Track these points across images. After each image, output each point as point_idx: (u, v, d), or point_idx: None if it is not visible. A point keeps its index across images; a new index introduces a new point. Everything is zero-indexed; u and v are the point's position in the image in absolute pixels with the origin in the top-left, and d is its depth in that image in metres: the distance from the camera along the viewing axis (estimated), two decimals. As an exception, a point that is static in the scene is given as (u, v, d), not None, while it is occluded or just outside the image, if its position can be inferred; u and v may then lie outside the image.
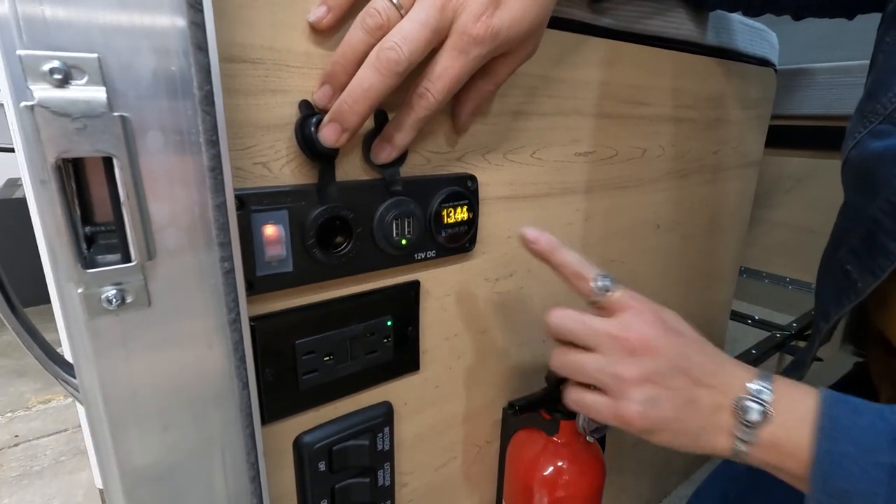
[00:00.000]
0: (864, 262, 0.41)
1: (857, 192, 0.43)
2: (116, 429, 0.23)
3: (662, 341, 0.31)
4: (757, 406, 0.30)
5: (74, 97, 0.19)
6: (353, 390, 0.35)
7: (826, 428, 0.28)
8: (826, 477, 0.28)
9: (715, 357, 0.32)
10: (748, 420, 0.30)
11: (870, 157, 0.40)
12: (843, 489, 0.27)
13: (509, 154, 0.39)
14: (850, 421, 0.28)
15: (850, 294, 0.43)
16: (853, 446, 0.27)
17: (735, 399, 0.30)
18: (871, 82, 0.42)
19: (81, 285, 0.21)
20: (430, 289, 0.38)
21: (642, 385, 0.31)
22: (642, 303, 0.33)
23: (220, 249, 0.22)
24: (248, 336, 0.24)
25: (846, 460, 0.27)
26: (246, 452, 0.25)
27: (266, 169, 0.28)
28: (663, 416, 0.31)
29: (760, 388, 0.30)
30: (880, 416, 0.28)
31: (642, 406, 0.31)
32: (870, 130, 0.40)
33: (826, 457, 0.28)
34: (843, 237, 0.45)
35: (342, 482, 0.35)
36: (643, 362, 0.31)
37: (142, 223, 0.21)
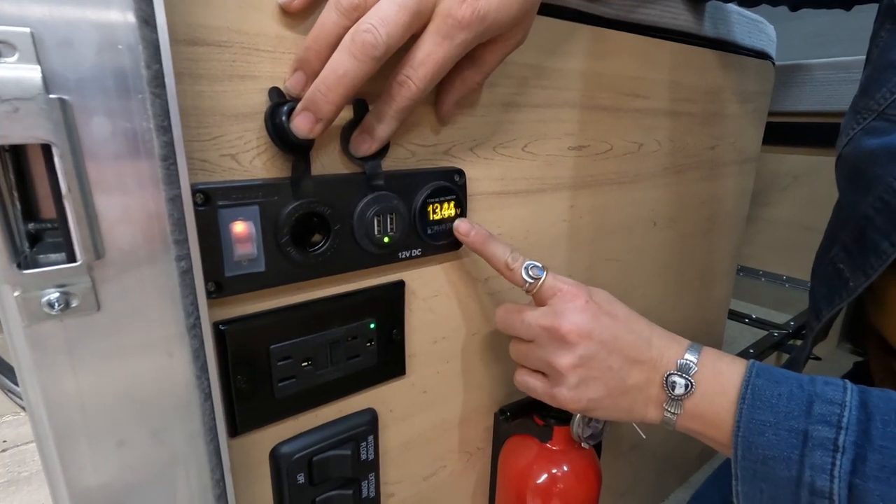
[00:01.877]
0: (855, 260, 0.40)
1: (850, 190, 0.42)
2: (64, 444, 0.21)
3: (593, 325, 0.33)
4: (681, 380, 0.32)
5: (3, 76, 0.17)
6: (335, 397, 0.33)
7: (748, 398, 0.30)
8: (748, 444, 0.29)
9: (645, 334, 0.34)
10: (674, 394, 0.32)
11: (863, 154, 0.39)
12: (763, 455, 0.29)
13: (499, 147, 0.38)
14: (770, 390, 0.30)
15: (842, 292, 0.42)
16: (772, 415, 0.29)
17: (664, 374, 0.32)
18: (866, 78, 0.41)
19: (18, 288, 0.19)
20: (416, 289, 0.36)
21: (574, 370, 0.33)
22: (572, 287, 0.34)
23: (176, 248, 0.20)
24: (211, 342, 0.22)
25: (765, 427, 0.29)
26: (210, 469, 0.23)
27: (235, 161, 0.26)
28: (595, 396, 0.33)
29: (687, 362, 0.32)
30: (798, 385, 0.30)
31: (575, 390, 0.33)
32: (863, 127, 0.40)
33: (748, 425, 0.29)
34: (836, 235, 0.44)
35: (323, 494, 0.33)
36: (574, 350, 0.32)
37: (87, 219, 0.19)
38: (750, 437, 0.29)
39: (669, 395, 0.32)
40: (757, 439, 0.29)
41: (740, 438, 0.30)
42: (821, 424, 0.28)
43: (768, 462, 0.29)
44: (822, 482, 0.27)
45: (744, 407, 0.30)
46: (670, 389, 0.32)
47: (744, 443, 0.30)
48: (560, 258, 0.46)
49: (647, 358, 0.33)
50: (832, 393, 0.29)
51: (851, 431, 0.27)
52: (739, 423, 0.30)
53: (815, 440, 0.28)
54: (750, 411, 0.29)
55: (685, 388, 0.32)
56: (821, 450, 0.27)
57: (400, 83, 0.27)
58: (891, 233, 0.36)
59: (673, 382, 0.32)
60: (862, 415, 0.27)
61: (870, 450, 0.27)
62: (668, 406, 0.33)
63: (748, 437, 0.29)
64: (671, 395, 0.32)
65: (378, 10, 0.24)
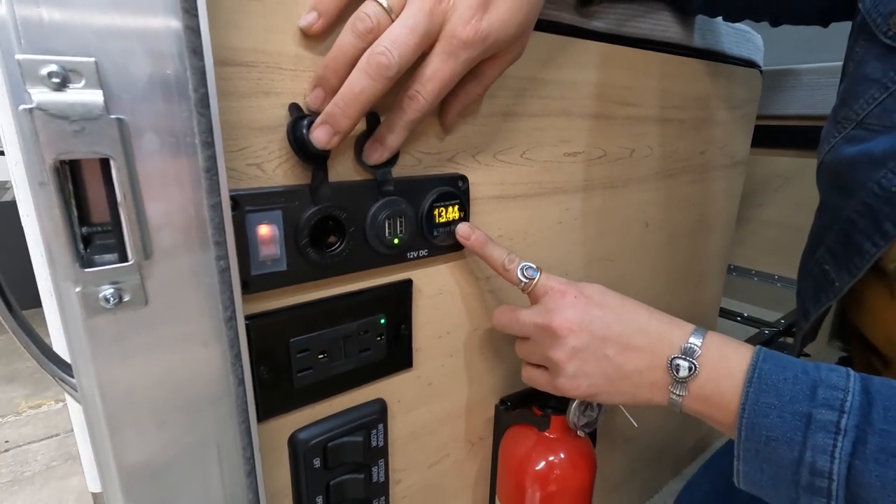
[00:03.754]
0: (840, 261, 0.42)
1: (833, 195, 0.45)
2: (114, 426, 0.23)
3: (582, 318, 0.35)
4: (685, 363, 0.33)
5: (72, 100, 0.19)
6: (348, 388, 0.36)
7: (755, 381, 0.31)
8: (752, 425, 0.30)
9: (642, 321, 0.35)
10: (679, 376, 0.33)
11: (844, 160, 0.41)
12: (766, 437, 0.30)
13: (499, 154, 0.40)
14: (776, 375, 0.30)
15: (829, 292, 0.44)
16: (777, 398, 0.30)
17: (668, 358, 0.33)
18: (844, 90, 0.43)
19: (79, 284, 0.21)
20: (423, 287, 0.38)
21: (570, 361, 0.35)
22: (562, 284, 0.36)
23: (216, 249, 0.23)
24: (244, 334, 0.24)
25: (770, 410, 0.30)
26: (242, 448, 0.26)
27: (260, 170, 0.29)
28: (595, 382, 0.35)
29: (691, 346, 0.33)
30: (803, 370, 0.31)
31: (574, 379, 0.35)
32: (843, 136, 0.42)
33: (753, 407, 0.30)
34: (820, 238, 0.46)
35: (337, 478, 0.36)
36: (567, 342, 0.34)
37: (138, 223, 0.22)
38: (754, 419, 0.30)
39: (674, 377, 0.33)
40: (761, 421, 0.30)
41: (745, 420, 0.30)
42: (824, 408, 0.29)
43: (771, 443, 0.30)
44: (823, 462, 0.28)
45: (750, 390, 0.30)
46: (675, 372, 0.33)
47: (748, 424, 0.30)
48: (556, 258, 0.48)
49: (645, 343, 0.34)
50: (836, 379, 0.29)
51: (853, 415, 0.28)
52: (745, 405, 0.30)
53: (818, 423, 0.28)
54: (756, 394, 0.30)
55: (689, 371, 0.32)
56: (823, 432, 0.28)
57: (410, 97, 0.29)
58: (873, 234, 0.38)
59: (677, 365, 0.33)
60: (864, 400, 0.28)
61: (870, 433, 0.27)
62: (674, 388, 0.33)
63: (752, 418, 0.30)
64: (676, 378, 0.33)
65: (391, 33, 0.27)
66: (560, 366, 0.35)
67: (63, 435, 1.44)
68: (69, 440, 1.40)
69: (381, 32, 0.27)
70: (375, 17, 0.27)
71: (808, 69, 1.08)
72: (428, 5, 0.27)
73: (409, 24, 0.27)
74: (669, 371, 0.33)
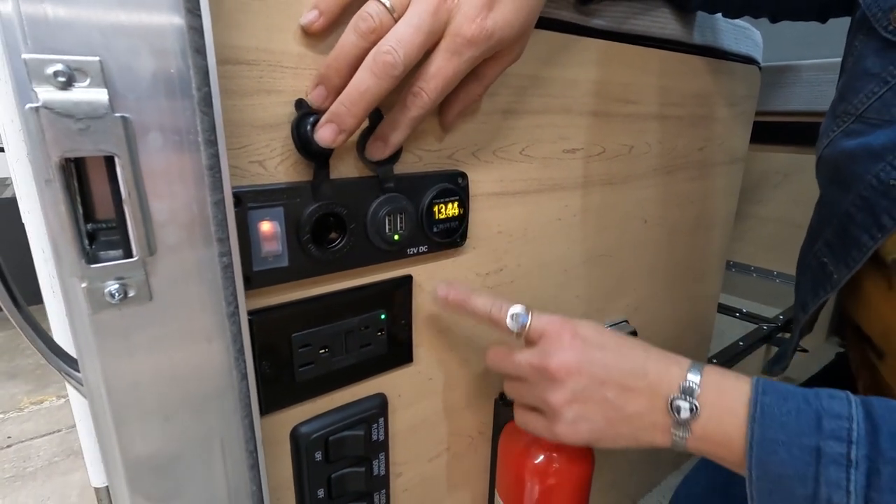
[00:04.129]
0: (838, 254, 0.43)
1: (832, 189, 0.45)
2: (119, 420, 0.24)
3: (581, 361, 0.33)
4: (685, 404, 0.32)
5: (78, 99, 0.20)
6: (349, 382, 0.36)
7: (758, 416, 0.30)
8: (763, 464, 0.29)
9: (639, 361, 0.34)
10: (680, 418, 0.32)
11: (842, 154, 0.42)
12: (778, 475, 0.29)
13: (499, 151, 0.40)
14: (779, 408, 0.30)
15: (827, 285, 0.45)
16: (783, 433, 0.29)
17: (667, 398, 0.32)
18: (843, 84, 0.43)
19: (85, 280, 0.21)
20: (423, 283, 0.39)
21: (570, 406, 0.33)
22: (557, 325, 0.35)
23: (219, 245, 0.23)
24: (247, 329, 0.25)
25: (778, 446, 0.29)
26: (245, 442, 0.26)
27: (262, 167, 0.29)
28: (595, 428, 0.34)
29: (690, 384, 0.32)
30: (805, 400, 0.30)
31: (573, 425, 0.34)
32: (842, 130, 0.42)
33: (760, 445, 0.29)
34: (819, 232, 0.47)
35: (338, 472, 0.36)
36: (566, 386, 0.33)
37: (143, 220, 0.22)
38: (763, 457, 0.29)
39: (675, 419, 0.32)
40: (770, 458, 0.29)
41: (754, 459, 0.29)
42: (832, 440, 0.28)
43: (784, 481, 0.29)
44: (839, 498, 0.27)
45: (755, 427, 0.29)
46: (676, 414, 0.32)
47: (758, 462, 0.29)
48: (556, 255, 0.49)
49: (644, 385, 0.33)
50: (838, 407, 0.29)
51: (862, 445, 0.27)
52: (752, 443, 0.29)
53: (827, 456, 0.28)
54: (761, 430, 0.29)
55: (690, 412, 0.31)
56: (834, 465, 0.27)
57: (414, 94, 0.30)
58: (870, 227, 0.38)
59: (678, 407, 0.32)
60: (869, 427, 0.28)
61: (881, 462, 0.27)
62: (676, 430, 0.32)
63: (761, 456, 0.29)
64: (677, 420, 0.32)
65: (396, 32, 0.27)
66: (559, 410, 0.34)
67: (65, 431, 1.45)
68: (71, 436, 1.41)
69: (384, 32, 0.27)
70: (378, 16, 0.27)
71: (807, 65, 1.08)
72: (433, 4, 0.27)
73: (414, 22, 0.27)
74: (670, 412, 0.32)
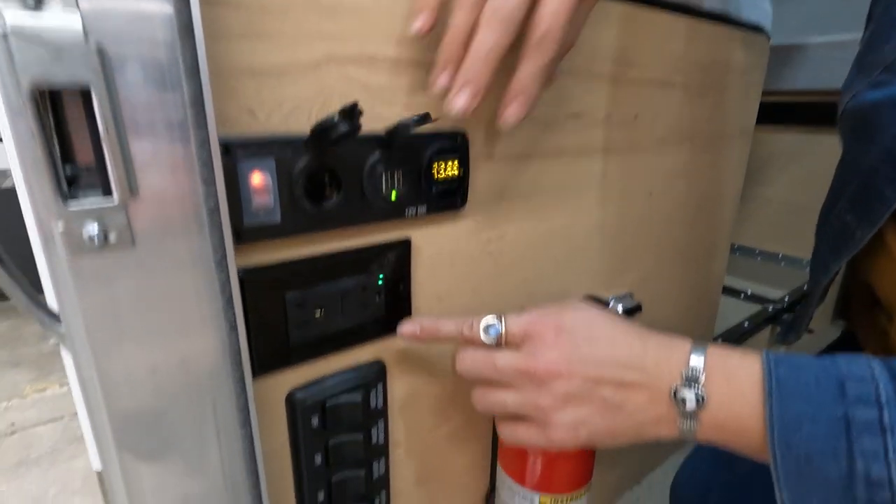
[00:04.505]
0: (860, 210, 0.41)
1: (855, 143, 0.43)
2: (103, 369, 0.23)
3: (571, 359, 0.31)
4: (690, 394, 0.29)
5: (48, 24, 0.18)
6: (345, 346, 0.35)
7: (774, 391, 0.27)
8: (786, 444, 0.26)
9: (636, 350, 0.31)
10: (686, 409, 0.29)
11: (867, 106, 0.40)
12: (805, 454, 0.26)
13: (500, 112, 0.39)
14: (795, 379, 0.27)
15: (849, 244, 0.43)
16: (806, 405, 0.26)
17: (670, 389, 0.30)
18: (870, 35, 0.42)
19: (62, 221, 0.20)
20: (422, 247, 0.38)
21: (564, 409, 0.31)
22: (540, 322, 0.32)
23: (204, 186, 0.22)
24: (235, 278, 0.24)
25: (802, 421, 0.26)
26: (236, 397, 0.25)
27: (252, 116, 0.28)
28: (594, 429, 0.31)
29: (693, 370, 0.29)
30: (822, 368, 0.27)
31: (570, 429, 0.31)
32: (869, 81, 0.41)
33: (781, 421, 0.26)
34: (840, 191, 0.45)
35: (336, 438, 0.35)
36: (557, 388, 0.31)
37: (122, 159, 0.21)
38: (787, 436, 0.26)
39: (681, 410, 0.29)
40: (794, 436, 0.26)
41: (776, 439, 0.26)
42: (859, 405, 0.25)
43: (813, 459, 0.26)
44: (879, 470, 0.24)
45: (773, 403, 0.27)
46: (681, 405, 0.29)
47: (780, 442, 0.26)
48: (559, 223, 0.47)
49: (643, 378, 0.30)
50: (858, 370, 0.26)
51: (893, 406, 0.25)
52: (772, 421, 0.26)
53: (858, 424, 0.25)
54: (781, 406, 0.27)
55: (696, 403, 0.29)
56: (868, 434, 0.25)
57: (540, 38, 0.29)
58: (895, 180, 0.36)
59: (682, 398, 0.29)
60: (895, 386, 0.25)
61: None
62: (683, 423, 0.30)
63: (784, 436, 0.26)
64: (683, 411, 0.29)
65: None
66: (552, 415, 0.31)
67: (68, 418, 1.45)
68: (74, 423, 1.41)
69: None
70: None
71: (815, 43, 1.05)
72: None
73: None
74: (674, 403, 0.29)
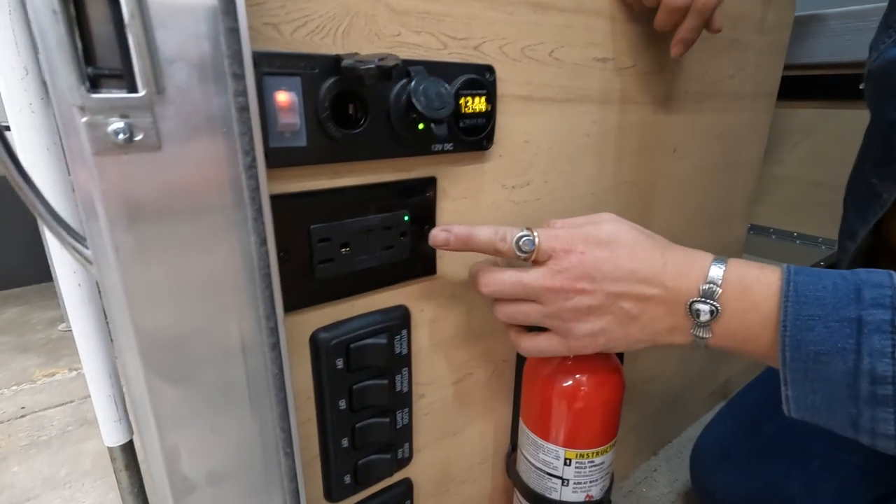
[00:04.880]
0: (884, 170, 0.41)
1: (879, 102, 0.42)
2: (128, 285, 0.22)
3: (594, 276, 0.32)
4: (706, 306, 0.30)
5: None
6: (370, 288, 0.34)
7: (791, 295, 0.28)
8: (797, 343, 0.28)
9: (656, 264, 0.32)
10: (700, 321, 0.31)
11: (891, 62, 0.39)
12: (815, 352, 0.27)
13: (527, 50, 0.38)
14: (813, 285, 0.28)
15: (875, 207, 0.42)
16: (820, 308, 0.27)
17: (686, 302, 0.31)
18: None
19: (86, 113, 0.19)
20: (447, 188, 0.36)
21: (585, 320, 0.33)
22: (566, 240, 0.33)
23: (234, 82, 0.21)
24: (265, 184, 0.23)
25: (814, 322, 0.27)
26: (266, 319, 0.24)
27: (276, 31, 0.27)
28: (612, 337, 0.33)
29: (710, 286, 0.30)
30: (841, 276, 0.28)
31: (590, 337, 0.33)
32: (894, 39, 0.40)
33: (795, 323, 0.28)
34: (867, 153, 0.45)
35: (360, 383, 0.34)
36: (580, 302, 0.32)
37: (148, 50, 0.20)
38: (798, 335, 0.27)
39: (695, 321, 0.31)
40: (806, 336, 0.27)
41: (788, 338, 0.28)
42: (874, 308, 0.26)
43: (821, 358, 0.27)
44: (884, 367, 0.26)
45: (788, 305, 0.28)
46: (695, 317, 0.31)
47: (792, 342, 0.28)
48: (583, 174, 0.46)
49: (661, 291, 0.32)
50: (878, 278, 0.27)
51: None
52: (786, 322, 0.28)
53: (870, 325, 0.26)
54: (796, 308, 0.28)
55: (711, 315, 0.30)
56: (878, 334, 0.26)
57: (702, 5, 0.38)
58: None
59: (697, 310, 0.31)
60: None
61: None
62: (696, 331, 0.31)
63: (796, 335, 0.27)
64: (697, 322, 0.31)
65: None
66: (573, 325, 0.33)
67: (77, 402, 1.45)
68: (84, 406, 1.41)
69: None
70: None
71: (834, 13, 1.03)
72: None
73: None
74: (690, 315, 0.31)
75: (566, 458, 0.42)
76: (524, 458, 0.45)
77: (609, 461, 0.43)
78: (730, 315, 0.30)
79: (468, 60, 0.35)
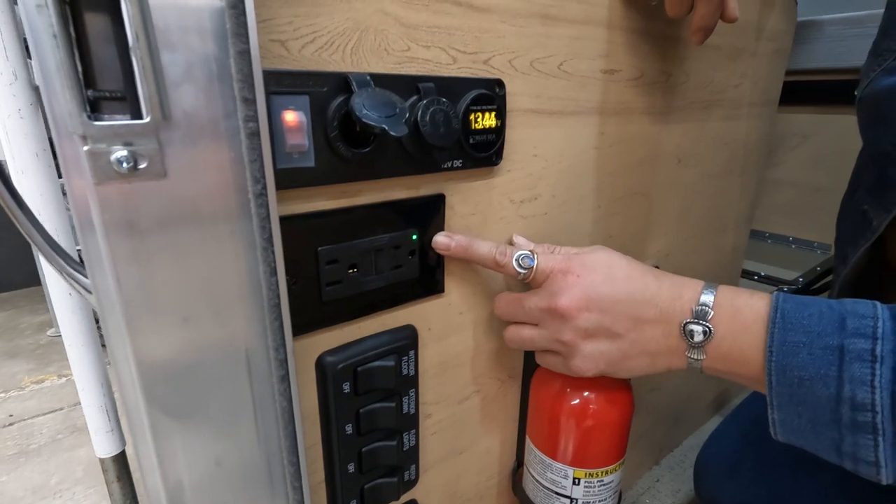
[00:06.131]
0: (877, 198, 0.41)
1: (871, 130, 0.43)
2: (131, 313, 0.21)
3: (590, 297, 0.33)
4: (699, 327, 0.32)
5: None
6: (378, 309, 0.33)
7: (778, 321, 0.29)
8: (782, 368, 0.29)
9: (650, 290, 0.33)
10: (694, 341, 0.32)
11: (882, 92, 0.40)
12: (799, 377, 0.28)
13: (536, 63, 0.37)
14: (800, 313, 0.29)
15: (867, 233, 0.42)
16: (805, 336, 0.28)
17: (680, 323, 0.32)
18: (886, 20, 0.41)
19: (88, 141, 0.18)
20: (456, 205, 0.35)
21: (584, 342, 0.34)
22: (564, 262, 0.34)
23: (244, 107, 0.20)
24: (275, 212, 0.22)
25: (799, 348, 0.28)
26: (274, 350, 0.23)
27: (284, 48, 0.26)
28: (611, 359, 0.34)
29: (702, 308, 0.32)
30: (828, 305, 0.29)
31: (589, 360, 0.34)
32: (883, 67, 0.40)
33: (780, 348, 0.29)
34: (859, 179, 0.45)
35: (367, 406, 0.33)
36: (577, 324, 0.33)
37: (153, 73, 0.19)
38: (784, 361, 0.29)
39: (689, 343, 0.32)
40: (791, 361, 0.28)
41: (773, 363, 0.29)
42: (856, 337, 0.27)
43: (805, 383, 0.28)
44: (864, 394, 0.26)
45: (775, 331, 0.29)
46: (689, 338, 0.32)
47: (777, 367, 0.29)
48: (591, 186, 0.45)
49: (656, 314, 0.33)
50: (862, 308, 0.28)
51: (888, 340, 0.26)
52: (772, 347, 0.29)
53: (851, 353, 0.27)
54: (782, 334, 0.29)
55: (704, 335, 0.31)
56: (859, 362, 0.27)
57: None
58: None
59: (691, 331, 0.32)
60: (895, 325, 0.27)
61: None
62: (691, 353, 0.33)
63: (781, 360, 0.29)
64: (691, 343, 0.32)
65: None
66: (573, 347, 0.34)
67: (67, 409, 1.43)
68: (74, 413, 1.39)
69: None
70: None
71: (831, 20, 1.03)
72: None
73: None
74: (684, 337, 0.32)
75: (575, 478, 0.41)
76: (531, 477, 0.44)
77: (618, 480, 0.43)
78: (722, 336, 0.31)
79: (477, 75, 0.34)
